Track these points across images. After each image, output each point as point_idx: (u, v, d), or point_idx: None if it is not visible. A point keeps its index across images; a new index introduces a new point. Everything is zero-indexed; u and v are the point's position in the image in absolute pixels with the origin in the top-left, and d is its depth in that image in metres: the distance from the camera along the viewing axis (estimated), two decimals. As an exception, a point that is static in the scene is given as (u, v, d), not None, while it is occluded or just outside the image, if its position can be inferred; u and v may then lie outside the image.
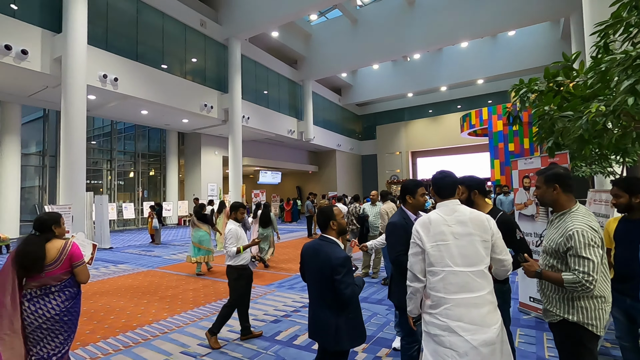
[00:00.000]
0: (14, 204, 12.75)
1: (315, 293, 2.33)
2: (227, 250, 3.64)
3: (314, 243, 2.38)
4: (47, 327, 2.32)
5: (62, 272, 2.40)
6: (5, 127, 12.76)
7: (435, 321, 1.74)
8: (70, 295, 2.43)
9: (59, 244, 2.43)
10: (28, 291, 2.33)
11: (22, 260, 2.28)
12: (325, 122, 24.45)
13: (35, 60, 9.59)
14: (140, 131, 18.65)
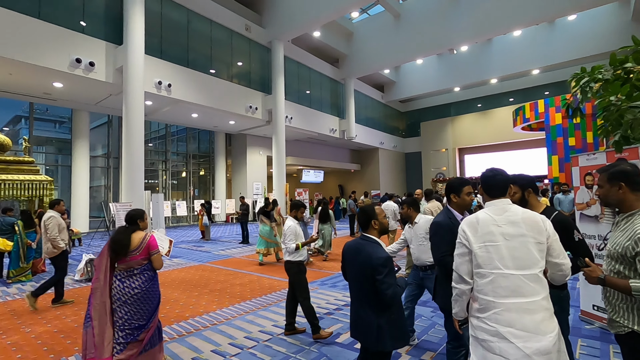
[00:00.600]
0: (84, 201, 14.13)
1: (357, 292, 2.33)
2: (287, 247, 3.75)
3: (355, 242, 2.37)
4: (132, 303, 2.82)
5: (142, 257, 2.91)
6: (76, 133, 14.19)
7: (483, 326, 1.66)
8: (148, 277, 2.93)
9: (141, 234, 2.97)
10: (117, 272, 2.89)
11: (114, 246, 2.84)
12: (367, 120, 24.19)
13: (100, 71, 10.54)
14: (191, 133, 19.74)
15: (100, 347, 2.70)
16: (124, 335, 2.78)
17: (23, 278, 6.44)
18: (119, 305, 2.81)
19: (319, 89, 20.18)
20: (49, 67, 9.47)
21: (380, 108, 26.59)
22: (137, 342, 2.82)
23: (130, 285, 2.84)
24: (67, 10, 10.20)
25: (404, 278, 2.32)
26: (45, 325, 4.19)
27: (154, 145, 19.46)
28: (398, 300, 2.20)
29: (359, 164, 27.04)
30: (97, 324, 2.74)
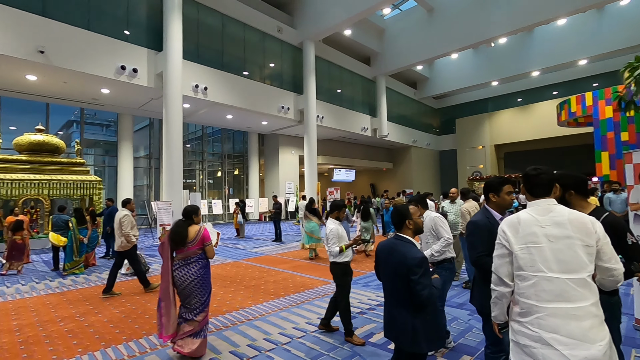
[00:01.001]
0: (128, 200, 15.02)
1: (391, 292, 2.31)
2: (331, 250, 3.61)
3: (388, 242, 2.36)
4: (191, 287, 3.30)
5: (197, 248, 3.36)
6: (121, 135, 15.10)
7: (525, 330, 1.59)
8: (203, 265, 3.38)
9: (196, 228, 3.41)
10: (177, 261, 3.34)
11: (174, 237, 3.31)
12: (400, 118, 23.78)
13: (143, 77, 11.15)
14: (226, 134, 20.38)
15: (167, 325, 3.23)
16: (185, 314, 3.31)
17: (76, 271, 6.97)
18: (180, 290, 3.32)
19: (350, 88, 20.10)
20: (97, 75, 10.16)
21: (413, 105, 26.03)
22: (194, 321, 3.29)
23: (188, 272, 3.30)
24: (113, 20, 10.88)
25: (439, 279, 2.27)
26: (96, 315, 4.51)
27: (191, 146, 20.27)
28: (434, 301, 2.17)
29: (391, 162, 26.65)
30: (164, 305, 3.26)
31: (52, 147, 10.46)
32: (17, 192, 9.52)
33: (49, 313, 4.63)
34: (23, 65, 9.34)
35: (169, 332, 3.23)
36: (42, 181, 9.87)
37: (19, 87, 11.21)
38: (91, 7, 10.38)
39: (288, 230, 14.47)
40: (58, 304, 5.05)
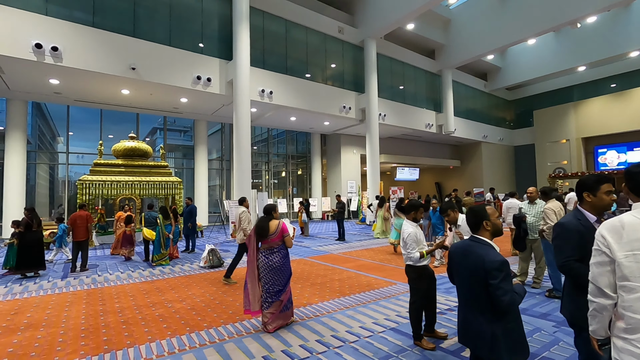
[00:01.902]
0: (203, 199, 16.35)
1: (466, 297, 2.20)
2: (410, 256, 3.43)
3: (464, 244, 2.25)
4: (273, 273, 3.90)
5: (278, 239, 3.96)
6: (197, 140, 16.49)
7: (632, 349, 1.41)
8: (283, 254, 3.99)
9: (276, 222, 4.02)
10: (262, 250, 3.97)
11: (258, 230, 3.93)
12: (468, 112, 22.39)
13: (215, 85, 12.05)
14: (290, 135, 21.09)
15: (253, 302, 3.89)
16: (269, 296, 3.88)
17: (163, 262, 7.79)
18: (264, 274, 3.90)
19: (413, 84, 19.46)
20: (177, 86, 11.24)
21: (483, 98, 24.30)
22: (278, 301, 3.90)
23: (271, 260, 3.91)
24: (190, 35, 11.94)
25: (522, 285, 2.11)
26: (181, 303, 5.01)
27: (258, 148, 21.36)
28: (515, 308, 2.02)
29: (459, 159, 25.20)
30: (250, 286, 3.92)
31: (142, 152, 11.81)
32: (115, 192, 10.95)
33: (143, 298, 5.25)
34: (119, 81, 10.71)
35: (255, 308, 3.89)
36: (134, 182, 11.22)
37: (115, 101, 12.88)
38: (172, 26, 11.51)
39: (351, 230, 14.49)
40: (150, 290, 5.70)
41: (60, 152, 14.65)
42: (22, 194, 12.35)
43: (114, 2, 10.62)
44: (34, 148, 14.39)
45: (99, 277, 6.74)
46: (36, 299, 5.36)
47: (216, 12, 12.54)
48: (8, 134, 12.22)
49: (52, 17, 9.44)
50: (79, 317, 4.49)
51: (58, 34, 9.33)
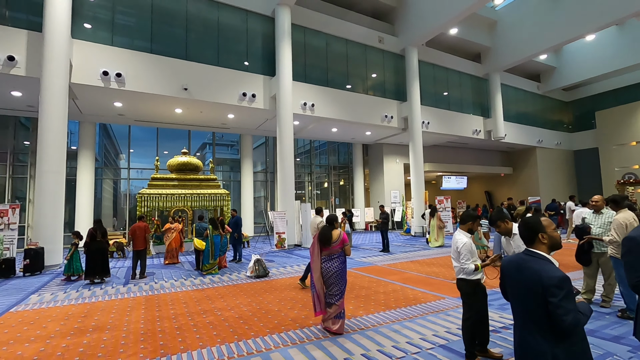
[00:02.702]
0: (249, 210, 16.92)
1: (522, 316, 2.05)
2: (464, 268, 3.30)
3: (517, 257, 2.11)
4: (334, 278, 4.23)
5: (338, 247, 4.30)
6: (243, 153, 17.20)
7: None
8: (342, 261, 4.32)
9: (338, 231, 4.38)
10: (324, 257, 4.32)
11: (321, 238, 4.32)
12: (519, 116, 21.15)
13: (259, 101, 12.55)
14: (332, 146, 21.25)
15: (322, 304, 4.24)
16: (330, 298, 4.22)
17: (213, 271, 8.14)
18: (326, 279, 4.25)
19: (458, 89, 18.83)
20: (225, 103, 11.88)
21: (536, 101, 22.83)
22: (337, 305, 4.17)
23: (332, 265, 4.25)
24: (236, 55, 12.61)
25: (587, 304, 1.93)
26: (229, 312, 5.19)
27: (300, 160, 21.76)
28: (581, 329, 1.84)
29: (511, 166, 23.76)
30: (316, 290, 4.26)
31: (194, 167, 12.55)
32: (170, 204, 11.71)
33: (195, 306, 5.52)
34: (173, 101, 11.56)
35: (323, 309, 4.25)
36: (186, 195, 11.93)
37: (170, 119, 13.88)
38: (220, 47, 12.25)
39: (395, 241, 14.16)
40: (200, 298, 5.98)
41: (122, 168, 16.02)
42: (91, 207, 13.64)
43: (169, 29, 11.56)
44: (101, 165, 15.88)
45: (155, 284, 7.21)
46: (102, 303, 5.85)
47: (260, 32, 13.14)
48: (80, 153, 13.62)
49: (116, 47, 10.49)
50: (138, 321, 4.82)
51: (121, 61, 10.33)
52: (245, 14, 12.83)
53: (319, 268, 4.28)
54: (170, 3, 11.55)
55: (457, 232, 3.48)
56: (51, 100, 8.82)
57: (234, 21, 12.65)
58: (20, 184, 13.39)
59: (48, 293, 6.60)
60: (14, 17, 9.49)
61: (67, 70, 9.17)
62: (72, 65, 9.58)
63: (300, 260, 9.86)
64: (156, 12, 11.32)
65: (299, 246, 12.96)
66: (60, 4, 9.07)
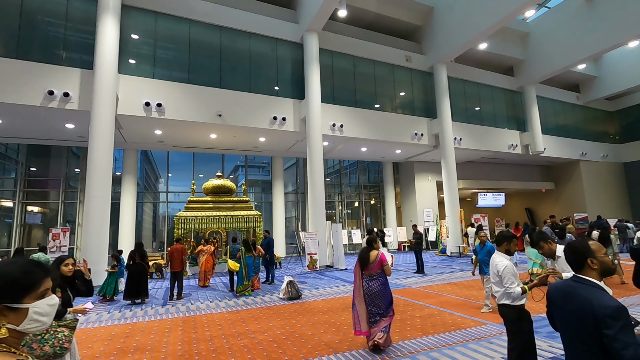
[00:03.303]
0: (281, 230, 17.07)
1: (572, 347, 1.90)
2: (510, 292, 3.07)
3: (565, 284, 1.98)
4: (375, 297, 4.34)
5: (377, 268, 4.39)
6: (274, 174, 17.55)
7: None
8: (382, 282, 4.41)
9: (375, 252, 4.49)
10: (364, 277, 4.47)
11: (360, 260, 4.49)
12: (559, 129, 20.19)
13: (290, 124, 12.87)
14: (361, 165, 21.21)
15: (363, 323, 4.33)
16: (372, 316, 4.32)
17: (246, 293, 8.23)
18: (368, 298, 4.36)
19: (490, 104, 18.35)
20: (257, 127, 12.30)
21: (577, 112, 21.75)
22: (384, 319, 4.30)
23: (372, 286, 4.38)
24: (267, 81, 13.13)
25: (648, 337, 1.76)
26: (263, 334, 5.19)
27: (330, 180, 21.85)
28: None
29: (553, 182, 22.50)
30: (358, 308, 4.39)
31: (227, 189, 12.95)
32: (205, 226, 12.08)
33: (229, 328, 5.58)
34: (208, 127, 12.13)
35: (364, 329, 4.31)
36: (221, 217, 12.27)
37: (205, 144, 14.53)
38: (251, 74, 12.82)
39: (430, 261, 13.67)
40: (235, 320, 6.03)
41: (161, 192, 16.83)
42: (133, 229, 14.35)
43: (204, 60, 12.29)
44: (142, 189, 16.77)
45: (192, 305, 7.38)
46: (142, 324, 6.05)
47: (289, 58, 13.63)
48: (123, 178, 14.49)
49: (157, 79, 11.26)
50: (176, 343, 4.94)
51: (162, 92, 11.05)
52: (275, 42, 13.40)
53: (361, 288, 4.42)
54: (206, 36, 12.33)
55: (495, 255, 3.31)
56: (99, 131, 9.55)
57: (265, 49, 13.24)
58: (70, 209, 14.40)
59: (94, 313, 6.93)
60: (70, 57, 10.49)
61: (114, 103, 9.94)
62: (118, 98, 10.37)
63: (332, 281, 9.75)
64: (193, 45, 12.10)
65: (331, 267, 12.83)
66: (110, 44, 9.95)
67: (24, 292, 1.08)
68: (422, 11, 16.29)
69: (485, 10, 13.22)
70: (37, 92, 9.43)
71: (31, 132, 11.89)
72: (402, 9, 15.92)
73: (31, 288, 1.09)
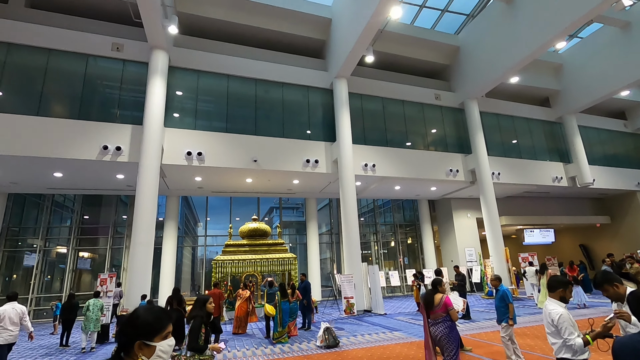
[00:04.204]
0: (316, 272, 16.78)
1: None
2: (570, 344, 2.79)
3: (633, 340, 1.78)
4: (442, 341, 4.26)
5: (442, 311, 4.32)
6: (308, 216, 17.64)
7: None
8: (448, 325, 4.30)
9: (440, 295, 4.43)
10: (430, 320, 4.42)
11: (424, 302, 4.45)
12: (608, 159, 18.98)
13: (322, 166, 13.12)
14: (396, 204, 20.82)
15: None
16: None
17: (282, 340, 8.01)
18: (436, 342, 4.33)
19: (527, 136, 17.76)
20: (291, 170, 12.64)
21: (626, 140, 20.45)
22: None
23: (438, 329, 4.32)
24: (299, 125, 13.68)
25: None
26: (300, 387, 4.95)
27: (364, 219, 21.55)
28: None
29: (607, 215, 20.75)
30: (426, 352, 4.46)
31: (262, 232, 13.13)
32: (241, 270, 12.17)
33: (266, 379, 5.39)
34: (244, 172, 12.64)
35: None
36: (256, 260, 12.35)
37: (241, 189, 15.06)
38: (284, 120, 13.44)
39: (476, 305, 12.70)
40: (271, 371, 5.84)
41: (200, 236, 17.36)
42: (173, 273, 14.74)
43: (241, 110, 13.12)
44: (182, 233, 17.42)
45: (228, 352, 7.27)
46: (180, 372, 6.00)
47: (320, 103, 14.22)
48: (165, 224, 15.19)
49: (198, 129, 12.11)
50: (213, 394, 4.82)
51: (202, 142, 11.81)
52: (306, 89, 14.11)
53: (427, 331, 4.43)
54: (242, 88, 13.25)
55: (548, 302, 3.02)
56: (146, 180, 10.25)
57: (296, 96, 13.95)
58: (117, 254, 15.16)
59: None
60: (123, 114, 11.62)
61: (159, 154, 10.74)
62: (163, 149, 11.19)
63: (372, 328, 9.27)
64: (230, 97, 13.02)
65: (369, 312, 12.28)
66: (157, 101, 10.96)
67: (155, 333, 1.44)
68: (448, 51, 16.62)
69: (512, 46, 13.27)
70: (93, 147, 10.42)
71: (87, 183, 12.99)
72: (427, 50, 16.36)
73: (160, 331, 1.46)
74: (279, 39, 14.64)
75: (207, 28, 13.77)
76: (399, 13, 11.04)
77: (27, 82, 10.88)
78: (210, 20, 13.45)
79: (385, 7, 10.45)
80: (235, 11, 13.44)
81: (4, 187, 12.88)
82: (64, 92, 11.23)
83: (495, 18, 14.25)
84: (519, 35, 12.96)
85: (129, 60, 11.84)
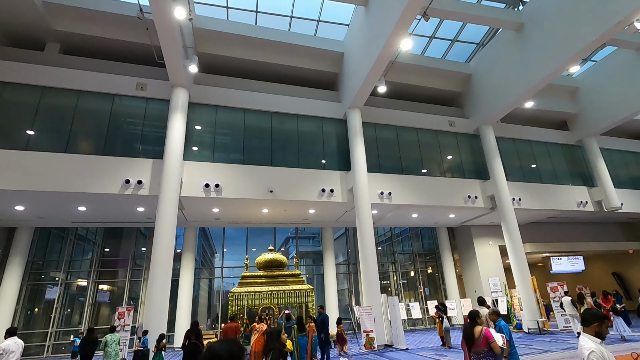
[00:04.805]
0: (334, 304, 16.33)
1: None
2: None
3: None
4: None
5: (483, 345, 4.15)
6: (324, 246, 17.44)
7: None
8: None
9: (480, 328, 4.28)
10: (472, 355, 4.25)
11: (465, 336, 4.31)
12: (635, 181, 18.29)
13: (337, 195, 13.12)
14: (414, 232, 20.40)
15: None
16: None
17: (300, 378, 7.70)
18: None
19: (547, 160, 17.38)
20: (306, 200, 12.68)
21: (652, 161, 19.69)
22: None
23: None
24: (314, 156, 13.85)
25: None
26: None
27: (382, 248, 21.11)
28: None
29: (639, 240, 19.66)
30: None
31: (279, 263, 13.00)
32: (258, 302, 11.96)
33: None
34: (260, 203, 12.75)
35: None
36: (273, 292, 12.15)
37: (257, 219, 15.13)
38: (300, 151, 13.66)
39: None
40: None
41: (217, 267, 17.33)
42: (189, 306, 14.63)
43: (257, 142, 13.44)
44: (199, 265, 17.44)
45: (244, 391, 7.01)
46: (195, 413, 5.81)
47: (334, 133, 14.44)
48: (183, 256, 15.28)
49: (216, 162, 12.42)
50: None
51: (219, 174, 12.07)
52: (321, 120, 14.40)
53: None
54: (258, 121, 13.64)
55: (581, 337, 2.81)
56: (165, 213, 10.46)
57: (311, 127, 14.23)
58: (135, 286, 15.24)
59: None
60: (144, 149, 12.09)
61: (178, 187, 11.01)
62: (182, 182, 11.47)
63: (393, 365, 8.83)
64: (247, 130, 13.40)
65: (389, 346, 11.74)
66: (177, 136, 11.39)
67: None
68: (460, 79, 16.80)
69: (525, 72, 13.31)
70: (116, 182, 10.80)
71: (109, 216, 13.35)
72: (439, 79, 16.58)
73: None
74: (293, 73, 15.19)
75: (225, 65, 14.46)
76: (409, 45, 11.32)
77: (57, 122, 11.54)
78: (228, 59, 14.15)
79: (395, 40, 10.77)
80: (252, 50, 14.11)
81: (32, 222, 13.36)
82: (90, 130, 11.83)
83: (506, 45, 14.43)
84: (531, 62, 13.03)
85: (151, 98, 12.46)
